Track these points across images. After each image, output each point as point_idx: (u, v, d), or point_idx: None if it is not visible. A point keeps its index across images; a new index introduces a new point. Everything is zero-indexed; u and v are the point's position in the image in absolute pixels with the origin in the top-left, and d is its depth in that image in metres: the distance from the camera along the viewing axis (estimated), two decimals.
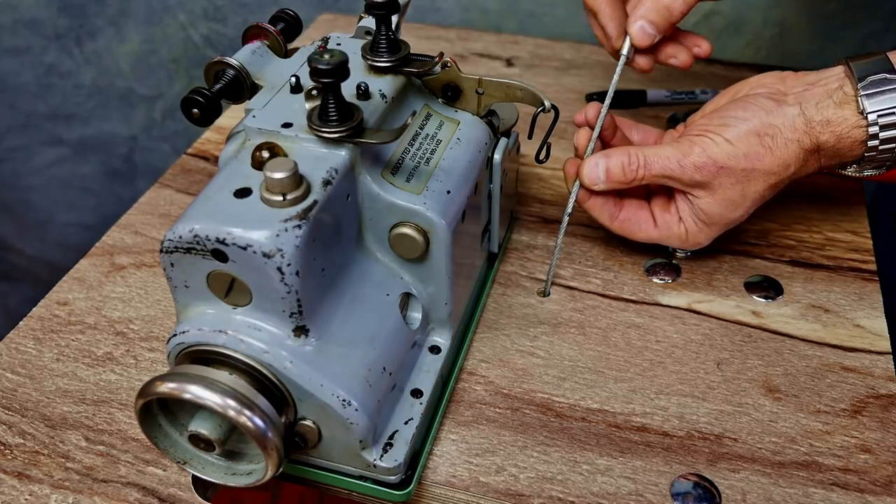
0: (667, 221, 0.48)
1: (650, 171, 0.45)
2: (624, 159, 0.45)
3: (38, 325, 0.48)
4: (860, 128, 0.42)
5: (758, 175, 0.44)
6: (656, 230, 0.48)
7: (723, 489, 0.38)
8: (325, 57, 0.32)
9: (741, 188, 0.44)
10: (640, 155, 0.45)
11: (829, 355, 0.45)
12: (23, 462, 0.40)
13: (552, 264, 0.49)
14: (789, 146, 0.43)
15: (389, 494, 0.37)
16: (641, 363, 0.45)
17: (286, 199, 0.31)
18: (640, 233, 0.48)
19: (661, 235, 0.48)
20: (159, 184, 0.59)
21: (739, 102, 0.45)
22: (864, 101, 0.42)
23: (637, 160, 0.45)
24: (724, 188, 0.44)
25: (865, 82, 0.42)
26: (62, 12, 0.97)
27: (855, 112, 0.42)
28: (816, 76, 0.45)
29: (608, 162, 0.46)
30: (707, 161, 0.44)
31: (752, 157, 0.43)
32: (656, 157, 0.45)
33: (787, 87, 0.45)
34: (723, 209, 0.45)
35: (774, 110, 0.44)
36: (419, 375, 0.40)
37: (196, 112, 0.38)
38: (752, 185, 0.44)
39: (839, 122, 0.42)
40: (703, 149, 0.44)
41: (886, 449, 0.40)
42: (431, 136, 0.41)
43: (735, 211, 0.46)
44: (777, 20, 0.82)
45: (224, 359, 0.33)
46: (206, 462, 0.36)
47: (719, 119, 0.45)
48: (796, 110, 0.43)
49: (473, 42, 0.78)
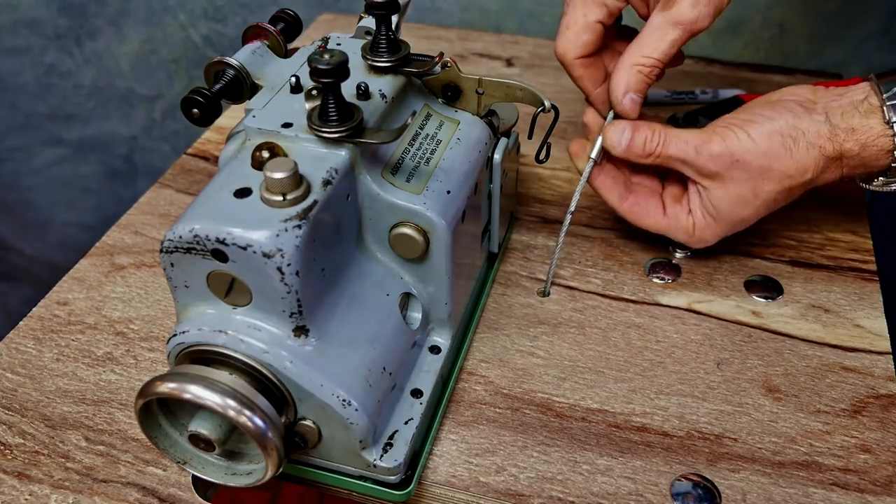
0: (676, 212, 0.47)
1: (666, 150, 0.45)
2: (648, 133, 0.46)
3: (38, 325, 0.48)
4: (886, 136, 0.42)
5: (773, 175, 0.44)
6: (664, 219, 0.48)
7: (723, 489, 0.38)
8: (325, 57, 0.32)
9: (754, 185, 0.44)
10: (662, 132, 0.45)
11: (829, 355, 0.45)
12: (23, 462, 0.40)
13: (552, 264, 0.49)
14: (810, 151, 0.43)
15: (389, 494, 0.37)
16: (641, 363, 0.45)
17: (286, 199, 0.31)
18: (648, 219, 0.48)
19: (669, 225, 0.48)
20: (159, 184, 0.59)
21: (769, 104, 0.45)
22: (889, 112, 0.42)
23: (658, 137, 0.45)
24: (737, 182, 0.44)
25: (891, 93, 0.42)
26: (62, 12, 0.97)
27: (881, 122, 0.42)
28: (844, 89, 0.45)
29: (634, 132, 0.46)
30: (724, 152, 0.44)
31: (771, 156, 0.43)
32: (676, 138, 0.45)
33: (817, 98, 0.45)
34: (732, 205, 0.45)
35: (802, 115, 0.44)
36: (419, 375, 0.40)
37: (196, 112, 0.38)
38: (766, 184, 0.44)
39: (864, 130, 0.42)
40: (724, 139, 0.44)
41: (886, 449, 0.40)
42: (431, 136, 0.41)
43: (744, 209, 0.45)
44: (777, 20, 0.82)
45: (224, 359, 0.33)
46: (206, 462, 0.36)
47: (746, 115, 0.45)
48: (822, 118, 0.43)
49: (473, 42, 0.78)
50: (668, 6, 0.44)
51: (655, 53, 0.45)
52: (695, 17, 0.44)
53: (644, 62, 0.45)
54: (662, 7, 0.44)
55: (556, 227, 0.52)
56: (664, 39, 0.44)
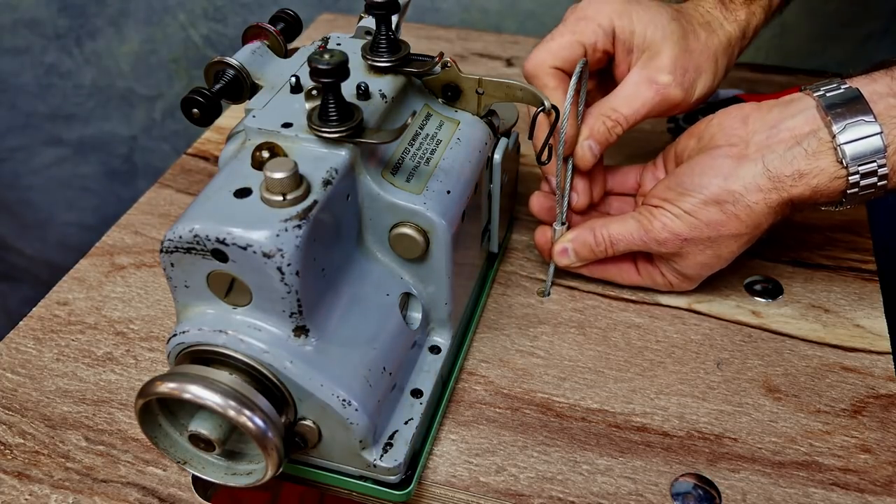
0: (650, 272, 0.48)
1: (616, 249, 0.46)
2: (590, 240, 0.46)
3: (38, 325, 0.48)
4: (840, 178, 0.39)
5: (725, 239, 0.43)
6: (640, 278, 0.48)
7: (723, 489, 0.38)
8: (325, 57, 0.32)
9: (712, 252, 0.44)
10: (605, 233, 0.45)
11: (829, 355, 0.45)
12: (23, 462, 0.40)
13: (552, 264, 0.49)
14: (753, 208, 0.41)
15: (389, 494, 0.37)
16: (641, 363, 0.45)
17: (286, 199, 0.31)
18: (624, 280, 0.49)
19: (646, 282, 0.48)
20: (159, 184, 0.59)
21: (698, 163, 0.43)
22: (843, 150, 0.38)
23: (603, 239, 0.46)
24: (695, 254, 0.44)
25: (841, 126, 0.38)
26: (62, 12, 0.97)
27: (833, 162, 0.39)
28: (780, 113, 0.41)
29: (575, 245, 0.47)
30: (669, 236, 0.43)
31: (715, 225, 0.42)
32: (620, 235, 0.45)
33: (749, 132, 0.42)
34: (699, 269, 0.45)
35: (733, 173, 0.41)
36: (419, 375, 0.40)
37: (196, 112, 0.38)
38: (722, 247, 0.43)
39: (815, 173, 0.39)
40: (664, 224, 0.43)
41: (886, 449, 0.40)
42: (431, 136, 0.41)
43: (713, 268, 0.45)
44: (777, 20, 0.81)
45: (224, 359, 0.33)
46: (206, 462, 0.36)
47: (678, 186, 0.43)
48: (759, 167, 0.40)
49: (473, 42, 0.78)
50: (648, 64, 0.44)
51: (624, 109, 0.45)
52: (669, 82, 0.44)
53: (610, 115, 0.45)
54: (643, 64, 0.45)
55: None
56: (637, 97, 0.44)
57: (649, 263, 0.48)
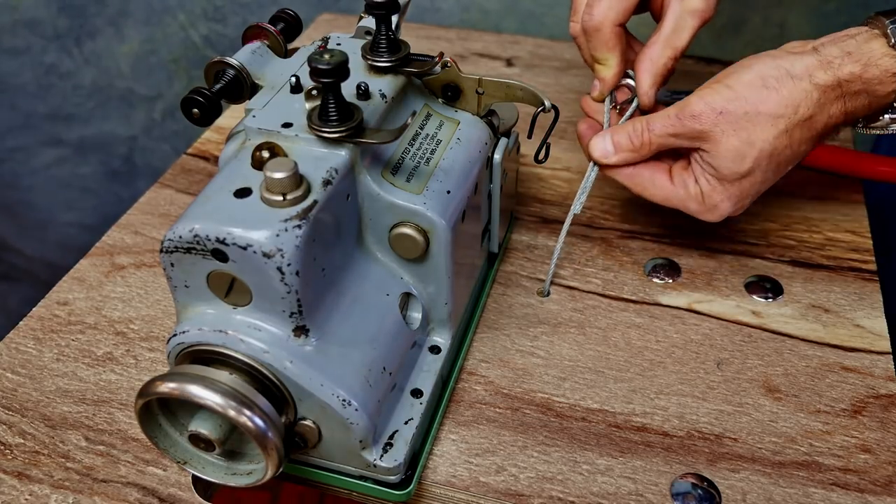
0: (683, 178, 0.46)
1: (654, 132, 0.45)
2: (629, 128, 0.46)
3: (38, 325, 0.48)
4: (891, 57, 0.40)
5: (762, 119, 0.42)
6: (672, 187, 0.46)
7: (723, 489, 0.38)
8: (325, 57, 0.32)
9: (746, 135, 0.42)
10: (643, 119, 0.45)
11: (829, 355, 0.45)
12: (23, 462, 0.40)
13: (552, 264, 0.49)
14: (798, 84, 0.41)
15: (389, 494, 0.37)
16: (641, 363, 0.45)
17: (286, 199, 0.32)
18: (654, 189, 0.47)
19: (678, 193, 0.46)
20: (159, 184, 0.59)
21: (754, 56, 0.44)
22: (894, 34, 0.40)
23: (641, 124, 0.45)
24: (728, 135, 0.43)
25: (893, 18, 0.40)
26: (62, 12, 0.97)
27: (884, 45, 0.40)
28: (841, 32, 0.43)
29: (615, 135, 0.46)
30: (705, 108, 0.43)
31: (754, 100, 0.42)
32: (658, 116, 0.45)
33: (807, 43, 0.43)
34: (730, 160, 0.43)
35: (786, 57, 0.42)
36: (419, 375, 0.40)
37: (196, 112, 0.38)
38: (758, 130, 0.42)
39: (865, 52, 0.40)
40: (702, 97, 0.43)
41: (886, 449, 0.40)
42: (431, 136, 0.41)
43: (744, 161, 0.43)
44: (777, 20, 0.82)
45: (224, 359, 0.33)
46: (206, 462, 0.36)
47: (726, 71, 0.44)
48: (810, 54, 0.42)
49: (473, 42, 0.78)
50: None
51: (679, 43, 0.45)
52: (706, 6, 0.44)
53: (670, 54, 0.45)
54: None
55: (556, 227, 0.52)
56: (685, 30, 0.45)
57: (683, 170, 0.46)
